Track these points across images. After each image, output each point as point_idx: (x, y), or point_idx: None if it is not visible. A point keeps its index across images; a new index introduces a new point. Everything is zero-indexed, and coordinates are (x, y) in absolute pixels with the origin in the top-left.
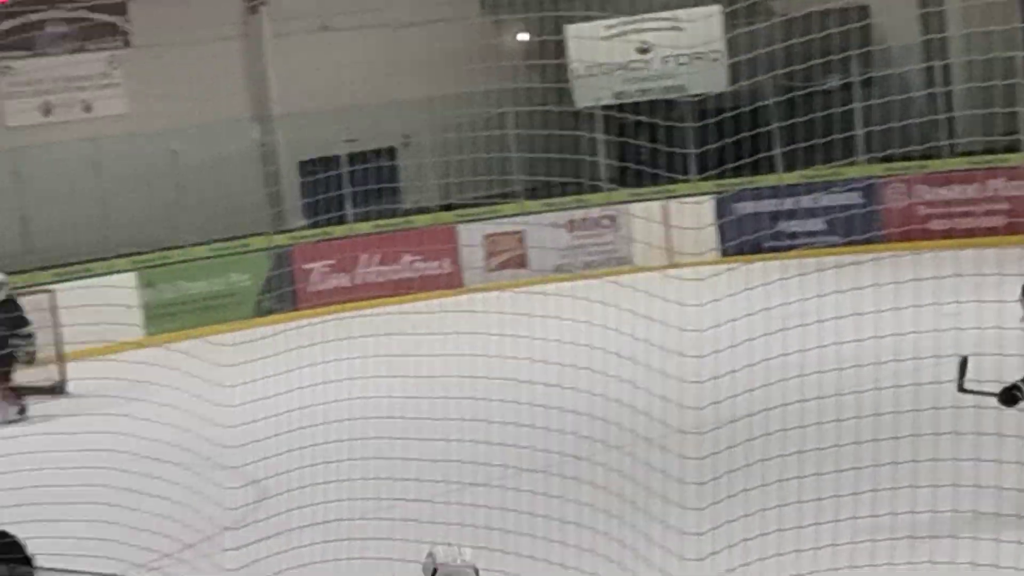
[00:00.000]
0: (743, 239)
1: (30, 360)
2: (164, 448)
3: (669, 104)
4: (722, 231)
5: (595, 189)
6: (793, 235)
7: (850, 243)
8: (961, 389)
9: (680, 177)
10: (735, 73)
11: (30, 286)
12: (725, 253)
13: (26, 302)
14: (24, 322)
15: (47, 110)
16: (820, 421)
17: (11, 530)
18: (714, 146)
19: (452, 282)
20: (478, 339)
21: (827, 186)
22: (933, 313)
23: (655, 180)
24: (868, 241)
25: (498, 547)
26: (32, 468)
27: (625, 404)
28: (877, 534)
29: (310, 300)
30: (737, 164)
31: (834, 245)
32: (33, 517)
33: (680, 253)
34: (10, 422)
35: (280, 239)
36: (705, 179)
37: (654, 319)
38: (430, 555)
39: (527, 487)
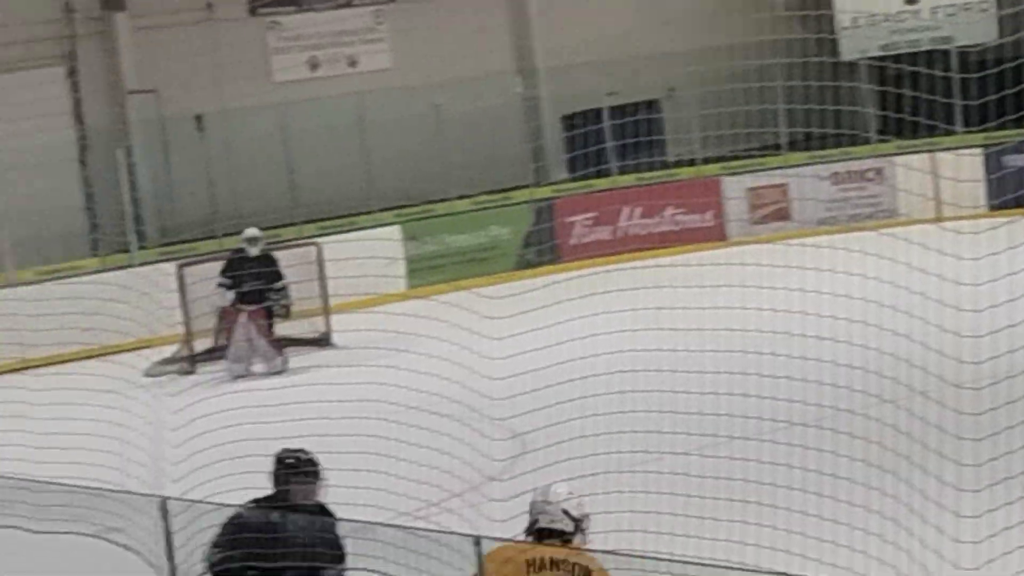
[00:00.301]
0: (1016, 193)
1: (285, 314)
2: (429, 399)
3: (936, 55)
4: (991, 185)
5: (861, 141)
6: None
7: None
8: None
9: (948, 129)
10: (1004, 24)
11: (296, 239)
12: (994, 208)
13: (291, 255)
14: (279, 276)
15: (314, 65)
16: None
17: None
18: (984, 100)
19: (715, 235)
20: (743, 292)
21: None
22: None
23: (922, 132)
24: None
25: (768, 502)
26: (298, 419)
27: (900, 358)
28: None
29: (572, 253)
30: (1008, 118)
31: None
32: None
33: (948, 206)
34: (274, 373)
35: (542, 192)
36: (974, 132)
37: (928, 272)
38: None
39: (798, 442)
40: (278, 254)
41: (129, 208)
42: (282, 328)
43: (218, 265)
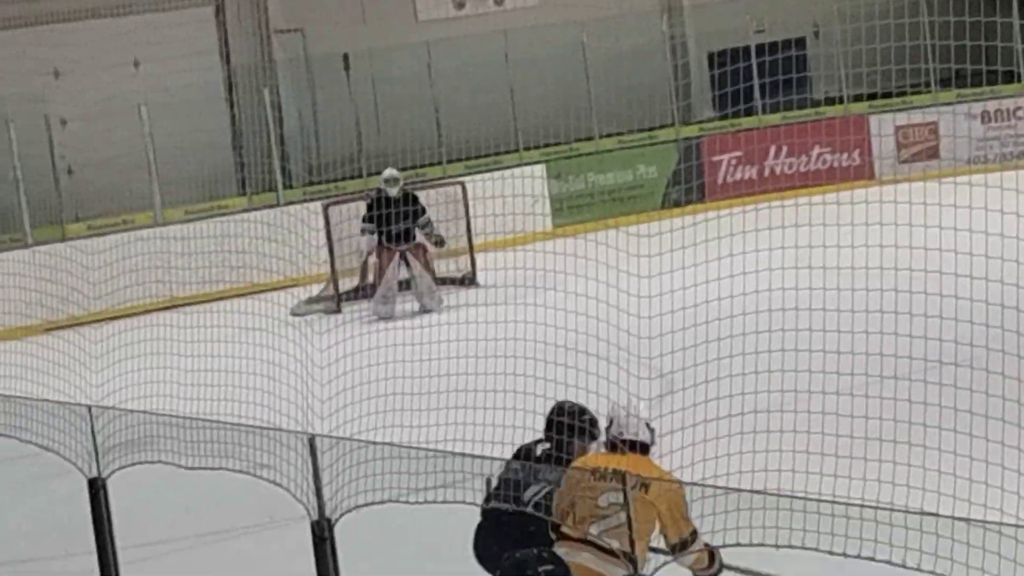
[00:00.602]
0: None
1: (440, 242)
2: (574, 337)
3: None
4: None
5: (1012, 79)
6: None
7: None
8: None
9: None
10: None
11: (441, 178)
12: None
13: (437, 194)
14: (422, 213)
15: (460, 3)
16: None
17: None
18: None
19: (863, 173)
20: (892, 231)
21: None
22: None
23: None
24: None
25: (918, 442)
26: (444, 357)
27: None
28: None
29: (718, 192)
30: None
31: None
32: (446, 405)
33: None
34: (428, 311)
35: (688, 131)
36: None
37: None
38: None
39: (948, 381)
40: (421, 193)
41: (276, 147)
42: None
43: (362, 205)
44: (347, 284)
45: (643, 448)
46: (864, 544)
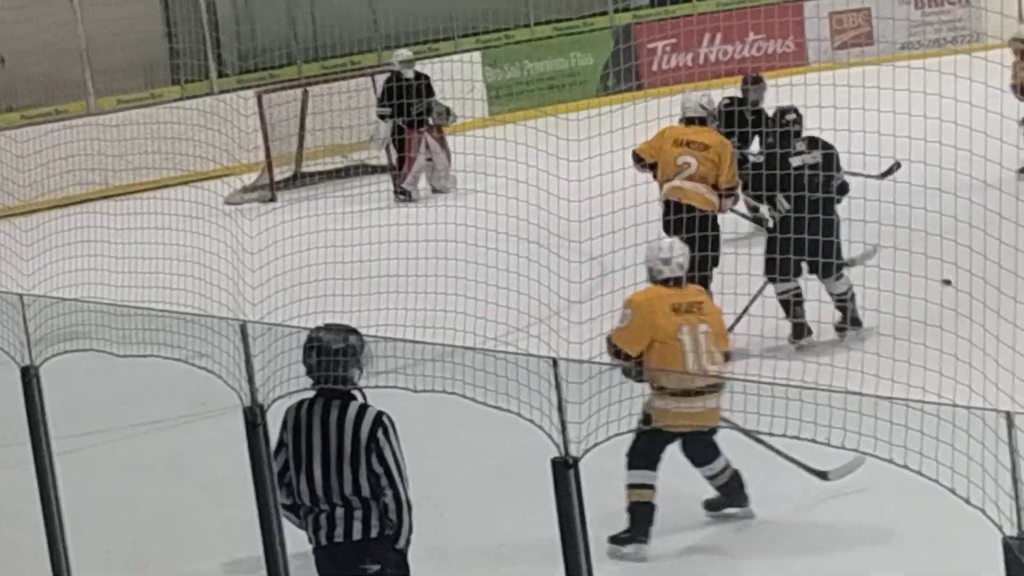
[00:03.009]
0: None
1: (454, 119)
2: (510, 222)
3: None
4: None
5: None
6: None
7: None
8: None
9: None
10: None
11: (378, 65)
12: None
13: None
14: (433, 92)
15: None
16: None
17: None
18: None
19: (797, 59)
20: (829, 113)
21: None
22: None
23: None
24: None
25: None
26: (379, 242)
27: (976, 178)
28: None
29: (653, 79)
30: None
31: None
32: (378, 290)
33: None
34: (442, 191)
35: (623, 18)
36: None
37: (1005, 91)
38: None
39: (886, 266)
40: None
41: (209, 35)
42: (361, 155)
43: (296, 93)
44: (283, 172)
45: (701, 122)
46: (789, 423)
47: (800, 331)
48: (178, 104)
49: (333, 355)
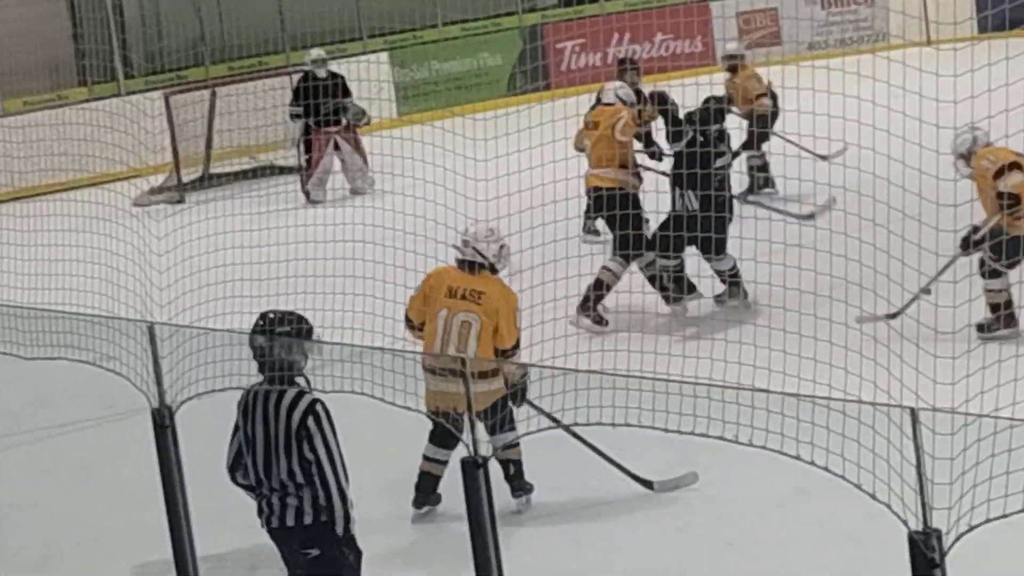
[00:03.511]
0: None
1: (368, 122)
2: (419, 223)
3: None
4: (979, 3)
5: None
6: None
7: None
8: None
9: None
10: None
11: (286, 66)
12: (983, 28)
13: (279, 82)
14: (348, 92)
15: None
16: None
17: (273, 304)
18: None
19: (704, 60)
20: (731, 116)
21: None
22: None
23: None
24: None
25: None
26: (288, 242)
27: (879, 176)
28: None
29: (562, 79)
30: None
31: None
32: (300, 290)
33: (938, 24)
34: (361, 193)
35: (531, 18)
36: None
37: (911, 91)
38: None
39: (791, 263)
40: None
41: (116, 36)
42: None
43: (204, 94)
44: (191, 174)
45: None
46: (698, 421)
47: (668, 300)
48: (85, 105)
49: (276, 340)
